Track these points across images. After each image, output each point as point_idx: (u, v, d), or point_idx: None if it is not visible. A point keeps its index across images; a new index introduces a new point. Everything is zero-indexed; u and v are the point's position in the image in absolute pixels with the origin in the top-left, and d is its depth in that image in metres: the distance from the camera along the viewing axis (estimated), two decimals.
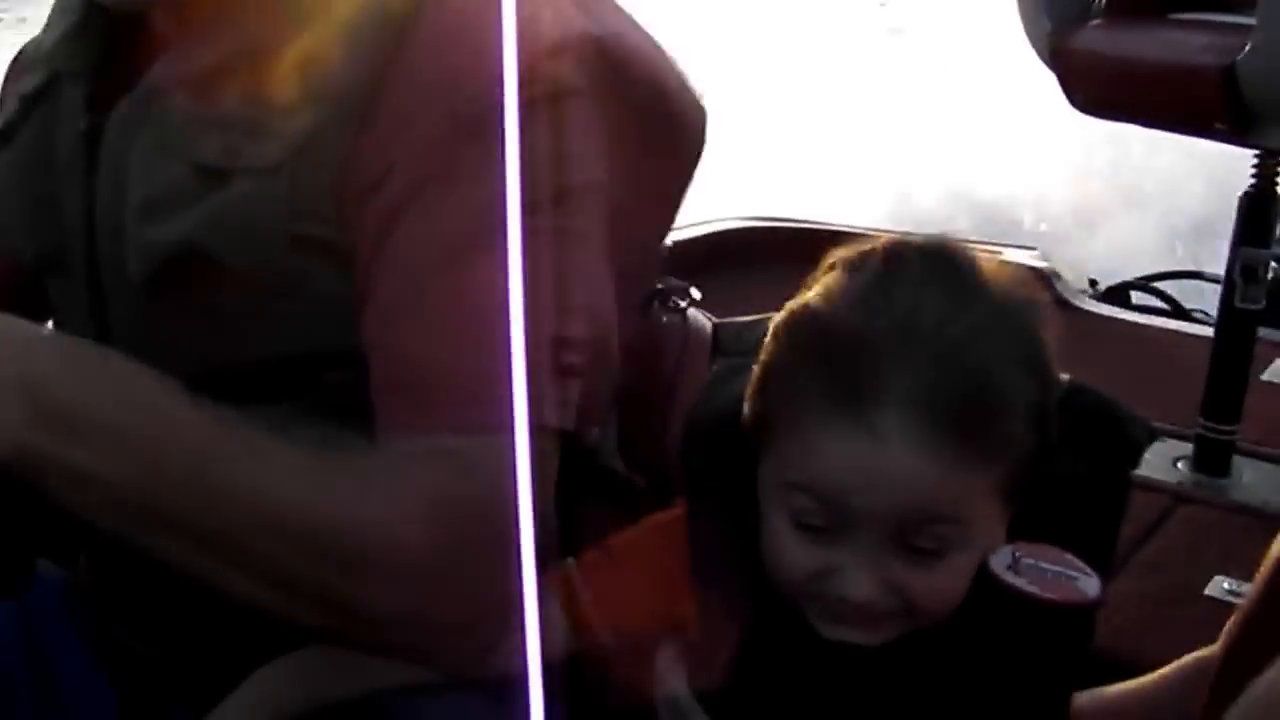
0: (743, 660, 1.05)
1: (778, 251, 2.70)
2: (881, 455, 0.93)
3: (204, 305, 1.02)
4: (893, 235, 1.03)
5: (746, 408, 1.02)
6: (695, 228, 2.81)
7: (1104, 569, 1.01)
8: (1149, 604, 1.03)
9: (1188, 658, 1.14)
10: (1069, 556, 0.99)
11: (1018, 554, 0.99)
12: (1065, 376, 1.02)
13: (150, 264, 1.02)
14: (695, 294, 1.31)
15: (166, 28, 1.06)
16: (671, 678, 1.09)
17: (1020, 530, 1.00)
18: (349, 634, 0.95)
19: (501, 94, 0.93)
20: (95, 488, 0.86)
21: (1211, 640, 1.09)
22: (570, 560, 1.11)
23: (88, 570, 1.23)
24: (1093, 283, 3.35)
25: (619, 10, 1.10)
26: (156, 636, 1.17)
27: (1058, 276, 2.86)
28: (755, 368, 1.02)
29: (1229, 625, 1.03)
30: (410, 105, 0.97)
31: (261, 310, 1.01)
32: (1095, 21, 2.06)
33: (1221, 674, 1.02)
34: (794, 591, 1.00)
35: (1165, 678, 1.13)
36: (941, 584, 0.97)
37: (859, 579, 0.96)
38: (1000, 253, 2.94)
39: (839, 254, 1.01)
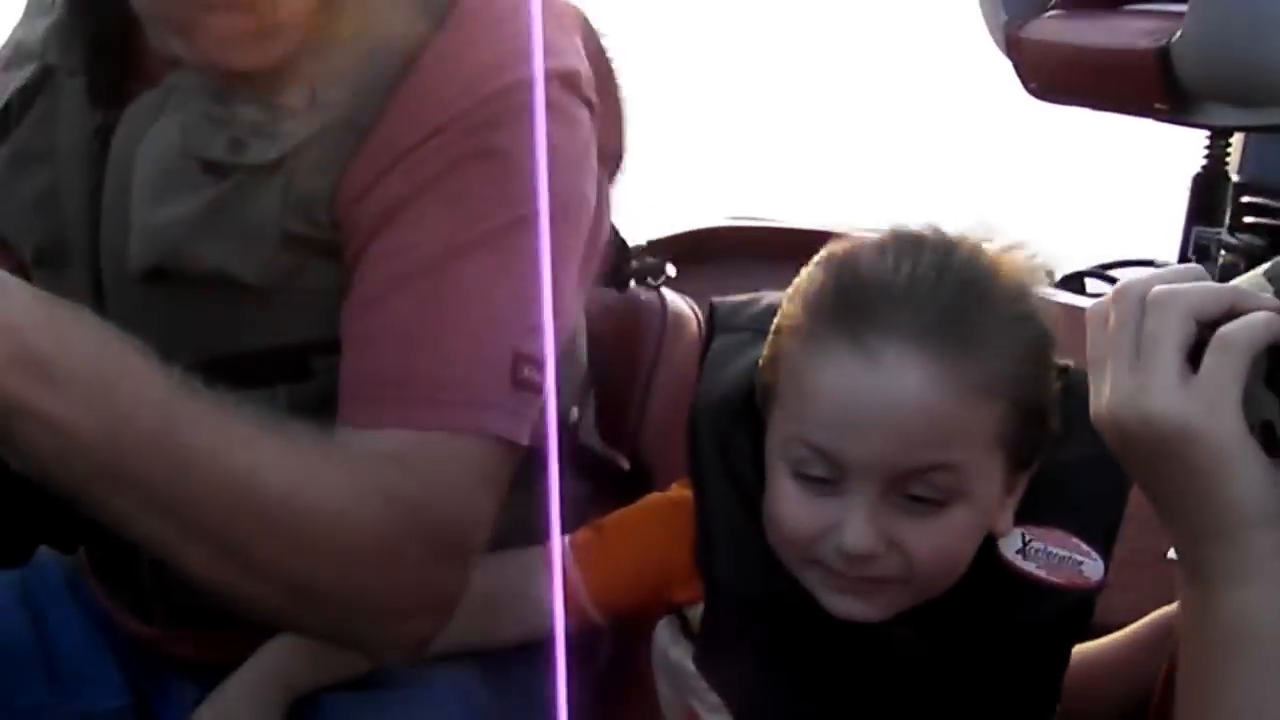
0: (748, 639, 1.05)
1: (758, 250, 2.70)
2: (877, 378, 0.92)
3: (199, 295, 1.02)
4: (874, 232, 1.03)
5: (760, 369, 1.02)
6: (676, 227, 2.82)
7: (1108, 548, 1.01)
8: (1114, 566, 1.03)
9: (1152, 615, 1.14)
10: (1075, 540, 1.00)
11: (1027, 538, 1.00)
12: (1070, 363, 1.02)
13: (149, 253, 1.02)
14: (670, 270, 1.32)
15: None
16: (674, 652, 1.10)
17: (1031, 514, 1.01)
18: (294, 613, 0.95)
19: (496, 117, 0.96)
20: (63, 437, 0.84)
21: (1174, 600, 1.10)
22: (564, 539, 1.11)
23: (87, 556, 1.23)
24: (1048, 272, 3.35)
25: (587, 30, 1.12)
26: (157, 620, 1.18)
27: None
28: (771, 330, 1.01)
29: None
30: (412, 121, 0.98)
31: (255, 301, 1.01)
32: (1049, 13, 2.08)
33: None
34: (796, 556, 0.99)
35: (1132, 636, 1.14)
36: (940, 540, 0.96)
37: (857, 528, 0.94)
38: None
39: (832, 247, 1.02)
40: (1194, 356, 0.77)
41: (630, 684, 1.17)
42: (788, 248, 1.06)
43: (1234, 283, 0.81)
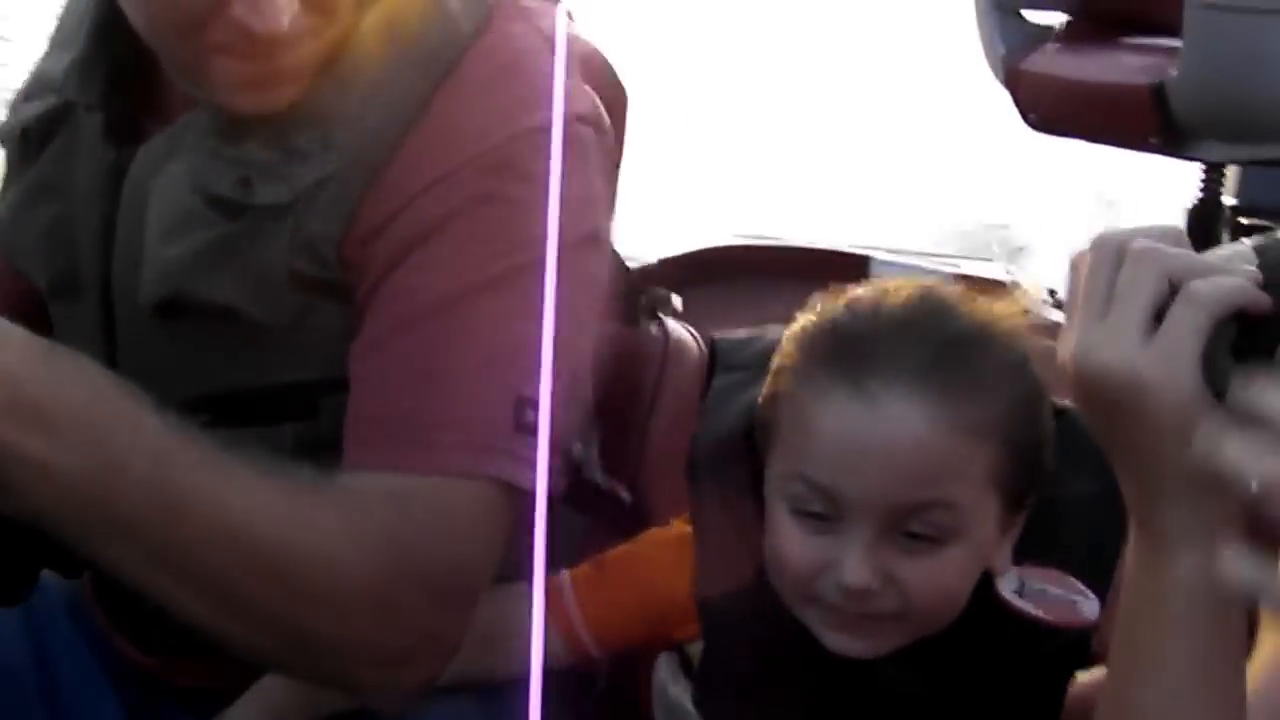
0: (747, 675, 1.05)
1: (764, 269, 2.72)
2: (876, 417, 0.93)
3: (209, 331, 1.02)
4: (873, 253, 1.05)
5: (759, 407, 1.02)
6: (683, 247, 2.83)
7: (1105, 586, 1.01)
8: (1115, 593, 1.04)
9: None
10: (1071, 580, 1.00)
11: (1023, 577, 1.00)
12: (1068, 403, 1.03)
13: (159, 289, 1.02)
14: (677, 302, 1.32)
15: None
16: (673, 690, 1.10)
17: (1029, 552, 1.01)
18: (289, 658, 0.95)
19: (506, 161, 0.96)
20: (56, 482, 0.84)
21: None
22: (564, 573, 1.12)
23: (90, 584, 1.23)
24: (1051, 292, 3.36)
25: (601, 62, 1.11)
26: (158, 648, 1.17)
27: (1018, 286, 2.88)
28: (770, 371, 1.02)
29: None
30: (422, 165, 0.98)
31: (263, 339, 1.01)
32: (1049, 45, 2.10)
33: None
34: (795, 593, 0.99)
35: None
36: (937, 578, 0.96)
37: (855, 564, 0.94)
38: (960, 266, 2.96)
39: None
40: (1161, 318, 0.74)
41: (630, 718, 1.17)
42: (794, 266, 1.07)
43: (1219, 250, 0.78)
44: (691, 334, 1.38)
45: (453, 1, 1.01)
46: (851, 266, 2.73)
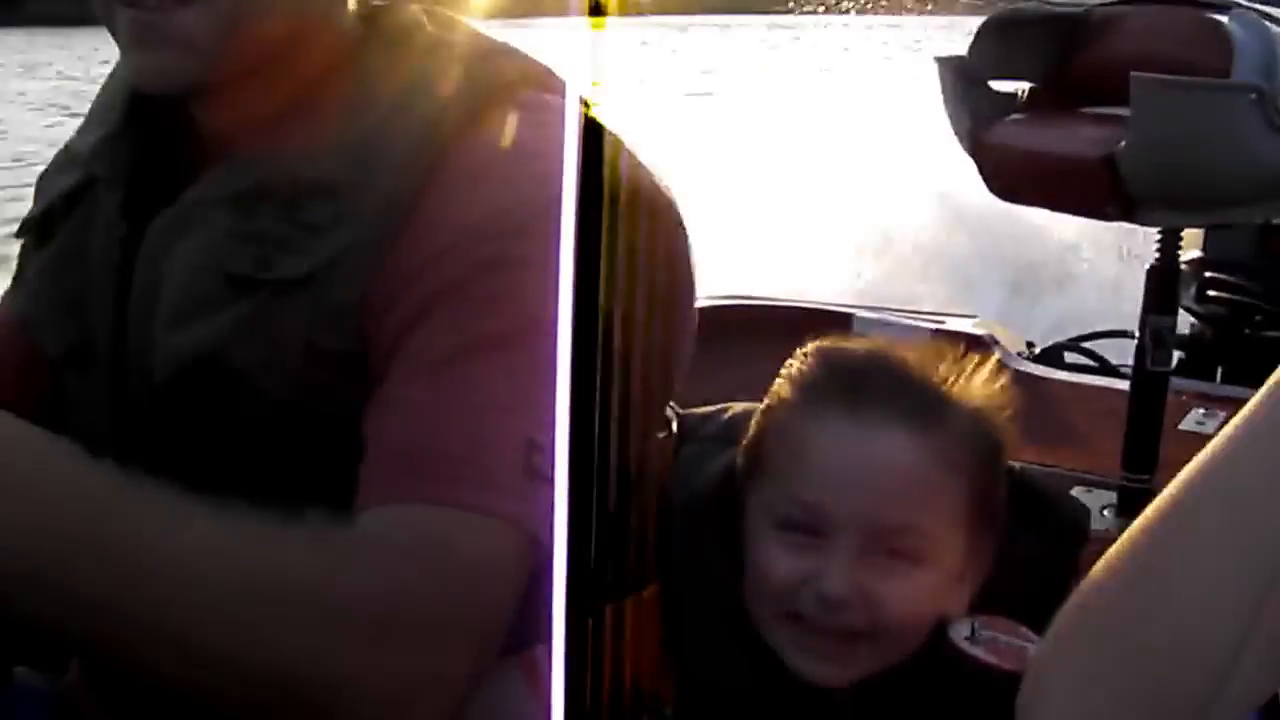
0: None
1: (746, 327, 2.75)
2: (866, 443, 1.02)
3: (222, 408, 1.00)
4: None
5: (746, 447, 1.09)
6: None
7: None
8: None
9: None
10: (1023, 629, 1.04)
11: (976, 625, 1.04)
12: (1018, 464, 1.11)
13: (173, 366, 1.00)
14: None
15: (207, 139, 1.06)
16: None
17: (982, 603, 1.06)
18: (281, 708, 0.88)
19: (516, 227, 0.96)
20: None
21: None
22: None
23: (78, 676, 1.17)
24: (1029, 345, 3.39)
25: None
26: None
27: (996, 341, 2.91)
28: (760, 410, 1.10)
29: None
30: (435, 230, 0.97)
31: (279, 416, 0.99)
32: (1012, 117, 2.13)
33: None
34: (774, 609, 1.03)
35: None
36: (907, 598, 1.01)
37: (836, 575, 1.00)
38: (943, 321, 2.99)
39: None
40: None
41: None
42: (777, 324, 1.09)
43: None
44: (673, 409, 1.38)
45: (454, 77, 1.02)
46: (834, 323, 2.76)
